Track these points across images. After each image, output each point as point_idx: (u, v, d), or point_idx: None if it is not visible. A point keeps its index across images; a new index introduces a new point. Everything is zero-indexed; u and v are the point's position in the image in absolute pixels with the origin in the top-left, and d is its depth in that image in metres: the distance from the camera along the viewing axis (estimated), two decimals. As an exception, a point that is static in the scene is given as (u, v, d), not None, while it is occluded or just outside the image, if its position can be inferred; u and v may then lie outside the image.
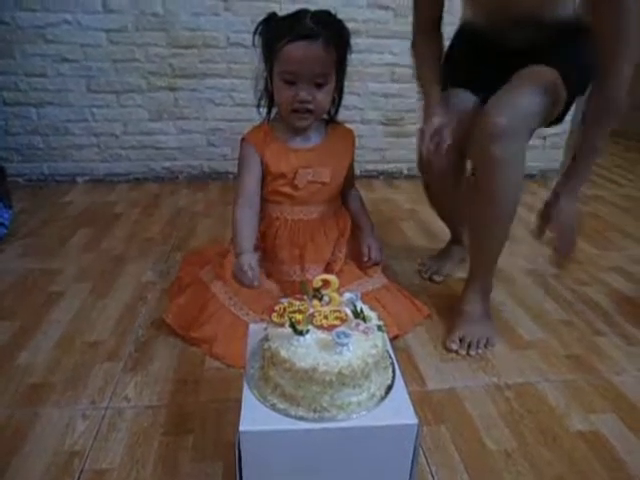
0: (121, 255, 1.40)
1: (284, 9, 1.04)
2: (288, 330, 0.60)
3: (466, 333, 1.04)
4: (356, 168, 1.24)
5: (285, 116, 1.05)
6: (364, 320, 0.64)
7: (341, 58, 1.02)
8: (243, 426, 0.57)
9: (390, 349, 0.69)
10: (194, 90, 1.91)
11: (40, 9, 1.72)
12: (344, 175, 1.15)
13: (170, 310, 1.09)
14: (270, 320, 0.64)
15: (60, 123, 1.89)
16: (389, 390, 0.62)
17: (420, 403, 0.88)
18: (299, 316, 0.63)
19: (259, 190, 1.10)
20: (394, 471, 0.62)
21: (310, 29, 0.95)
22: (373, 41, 1.92)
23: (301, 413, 0.58)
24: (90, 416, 0.84)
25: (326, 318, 0.63)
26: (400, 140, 2.12)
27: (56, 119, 1.89)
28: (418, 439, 0.59)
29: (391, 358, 0.68)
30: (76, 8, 1.74)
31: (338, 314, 0.64)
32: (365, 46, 1.91)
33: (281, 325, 0.62)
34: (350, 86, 1.77)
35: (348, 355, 0.58)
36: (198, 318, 1.02)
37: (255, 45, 1.02)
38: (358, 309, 0.65)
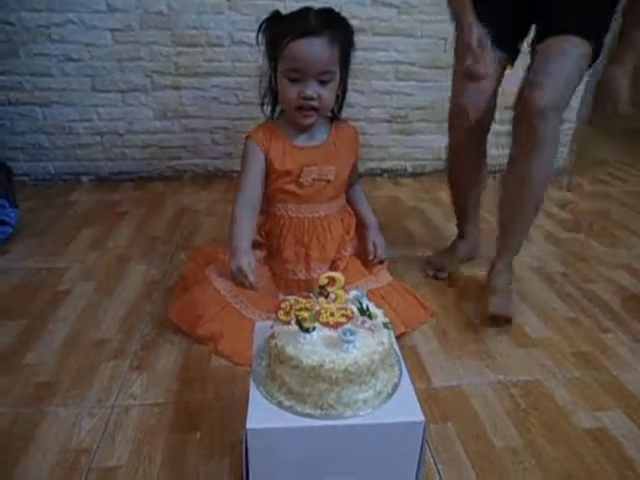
0: (126, 254, 1.41)
1: (288, 7, 1.04)
2: (294, 327, 0.60)
3: (498, 308, 1.12)
4: (360, 166, 1.24)
5: (290, 114, 1.05)
6: (370, 317, 0.64)
7: (345, 55, 1.02)
8: (250, 424, 0.57)
9: (396, 347, 0.69)
10: (199, 89, 1.91)
11: (44, 9, 1.73)
12: (348, 173, 1.15)
13: (175, 308, 1.09)
14: (276, 317, 0.64)
15: (65, 122, 1.89)
16: (395, 387, 0.62)
17: (426, 400, 0.88)
18: (305, 314, 0.63)
19: (261, 188, 1.09)
20: (401, 468, 0.62)
21: (314, 26, 0.95)
22: (377, 39, 1.91)
23: (308, 410, 0.58)
24: (97, 414, 0.84)
25: (332, 315, 0.63)
26: (404, 138, 2.11)
27: (61, 118, 1.89)
28: (425, 436, 0.59)
29: (397, 355, 0.68)
30: (80, 7, 1.74)
31: (344, 311, 0.64)
32: (369, 44, 1.90)
33: (287, 322, 0.63)
34: (354, 84, 1.78)
35: (354, 352, 0.58)
36: (203, 316, 1.02)
37: (259, 43, 1.02)
38: (364, 306, 0.65)
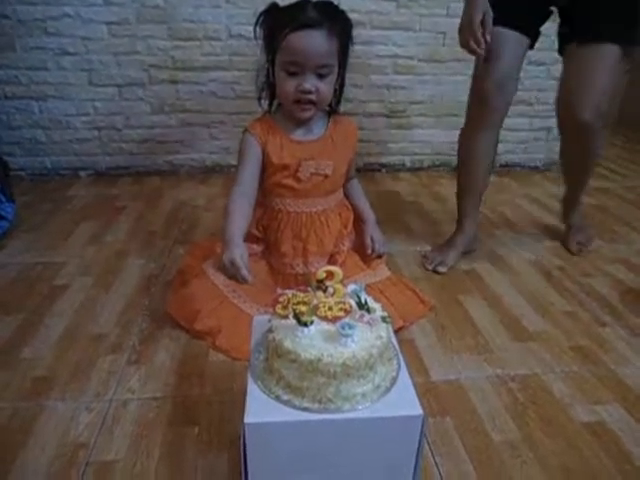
0: (124, 248, 1.40)
1: (285, -1, 1.03)
2: (292, 321, 0.60)
3: (580, 237, 1.46)
4: (358, 161, 1.23)
5: (287, 108, 1.04)
6: (368, 311, 0.63)
7: (344, 48, 1.01)
8: (248, 418, 0.57)
9: (394, 340, 0.69)
10: (196, 83, 1.90)
11: (40, 2, 1.71)
12: (346, 167, 1.14)
13: (173, 303, 1.09)
14: (274, 312, 0.64)
15: (62, 117, 1.89)
16: (394, 381, 0.62)
17: (425, 394, 0.88)
18: (303, 307, 0.62)
19: (257, 182, 1.08)
20: (399, 462, 0.62)
21: (313, 19, 0.94)
22: (376, 32, 1.90)
23: (306, 404, 0.58)
24: (95, 409, 0.84)
25: (330, 309, 0.63)
26: (403, 132, 2.10)
27: (58, 113, 1.88)
28: (423, 430, 0.59)
29: (395, 349, 0.68)
30: (76, 1, 1.72)
31: (342, 305, 0.64)
32: (367, 37, 1.89)
33: (285, 316, 0.62)
34: (352, 78, 1.77)
35: (352, 346, 0.58)
36: (201, 311, 1.02)
37: (257, 37, 1.01)
38: (362, 300, 0.64)
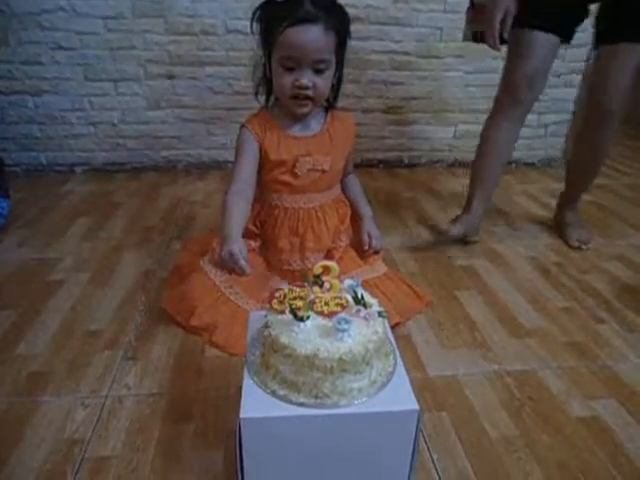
0: (120, 244, 1.39)
1: (283, -7, 1.01)
2: (288, 317, 0.60)
3: (579, 235, 1.48)
4: (356, 156, 1.23)
5: (284, 103, 1.04)
6: (365, 306, 0.63)
7: (341, 43, 1.00)
8: (243, 413, 0.56)
9: (391, 336, 0.69)
10: (192, 78, 1.89)
11: (35, -4, 1.70)
12: (344, 163, 1.14)
13: (170, 299, 1.09)
14: (270, 307, 0.64)
15: (57, 112, 1.87)
16: (390, 376, 0.62)
17: (421, 390, 0.88)
18: (299, 302, 0.62)
19: (254, 177, 1.07)
20: (395, 457, 0.62)
21: (310, 13, 0.93)
22: (373, 28, 1.89)
23: (302, 399, 0.58)
24: (90, 404, 0.84)
25: (327, 304, 0.62)
26: (401, 128, 2.10)
27: (53, 108, 1.86)
28: (419, 425, 0.59)
29: (392, 345, 0.68)
30: (72, -6, 1.72)
31: (339, 300, 0.63)
32: (365, 33, 1.88)
33: (281, 312, 0.62)
34: (350, 74, 1.76)
35: (349, 341, 0.58)
36: (198, 307, 1.02)
37: (253, 32, 1.00)
38: (359, 295, 0.64)
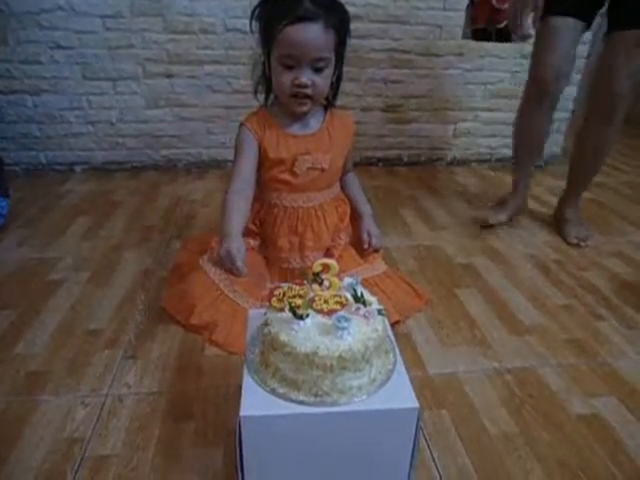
0: (120, 243, 1.39)
1: (282, -9, 1.01)
2: (288, 315, 0.60)
3: (578, 232, 1.47)
4: (355, 155, 1.22)
5: (284, 101, 1.03)
6: (364, 304, 0.63)
7: (341, 41, 1.00)
8: (243, 411, 0.56)
9: (390, 334, 0.69)
10: (191, 77, 1.88)
11: (34, -5, 1.70)
12: (343, 161, 1.14)
13: (169, 297, 1.09)
14: (270, 305, 0.64)
15: (56, 111, 1.87)
16: (390, 374, 0.62)
17: (421, 388, 0.88)
18: (299, 300, 0.62)
19: (254, 176, 1.07)
20: (395, 455, 0.62)
21: (309, 11, 0.93)
22: (373, 26, 1.89)
23: (301, 397, 0.58)
24: (90, 403, 0.84)
25: (326, 302, 0.62)
26: (400, 127, 2.09)
27: (52, 107, 1.86)
28: (419, 423, 0.59)
29: (392, 342, 0.68)
30: (70, -7, 1.71)
31: (338, 298, 0.63)
32: (365, 31, 1.88)
33: (281, 310, 0.62)
34: (349, 72, 1.75)
35: (348, 339, 0.58)
36: (197, 305, 1.02)
37: (253, 31, 1.00)
38: (358, 293, 0.64)
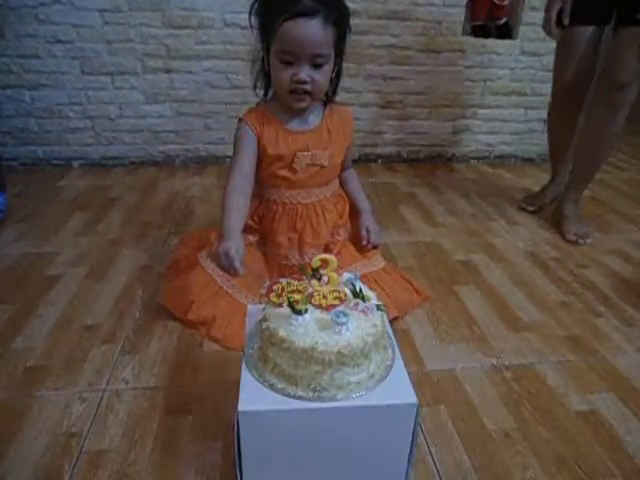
0: (118, 239, 1.39)
1: (281, -14, 1.00)
2: (287, 310, 0.60)
3: (577, 230, 1.46)
4: (355, 151, 1.22)
5: (283, 97, 1.03)
6: (363, 300, 0.63)
7: (341, 37, 0.99)
8: (242, 406, 0.56)
9: (389, 329, 0.69)
10: (190, 72, 1.88)
11: (31, -12, 1.69)
12: (342, 157, 1.13)
13: (167, 293, 1.08)
14: (268, 300, 0.63)
15: (54, 106, 1.86)
16: (388, 370, 0.62)
17: (419, 384, 0.88)
18: (297, 296, 0.62)
19: (253, 172, 1.06)
20: (393, 451, 0.62)
21: (308, 6, 0.92)
22: (372, 22, 1.88)
23: (300, 393, 0.58)
24: (88, 398, 0.84)
25: (325, 298, 0.62)
26: (399, 123, 2.09)
27: (50, 102, 1.85)
28: (417, 419, 0.59)
29: (390, 338, 0.67)
30: (68, -13, 1.70)
31: (337, 294, 0.63)
32: (364, 27, 1.87)
33: (279, 305, 0.62)
34: (348, 68, 1.75)
35: (347, 335, 0.57)
36: (196, 301, 1.01)
37: (252, 26, 0.99)
38: (357, 289, 0.64)
